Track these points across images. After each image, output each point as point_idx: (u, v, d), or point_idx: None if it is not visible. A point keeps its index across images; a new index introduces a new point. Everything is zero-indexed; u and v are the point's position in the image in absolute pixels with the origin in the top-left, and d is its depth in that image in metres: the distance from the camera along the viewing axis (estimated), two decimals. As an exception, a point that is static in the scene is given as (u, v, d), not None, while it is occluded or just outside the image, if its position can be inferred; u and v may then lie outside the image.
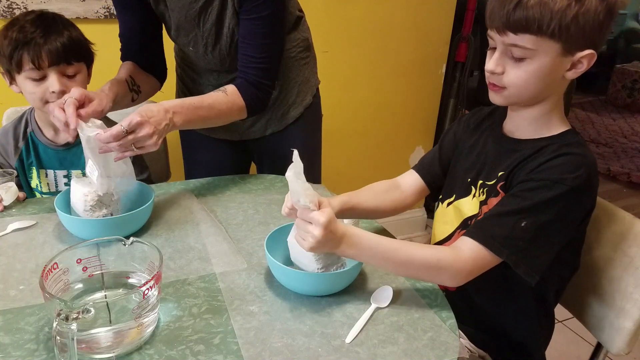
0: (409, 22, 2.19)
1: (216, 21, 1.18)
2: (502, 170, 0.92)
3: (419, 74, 2.33)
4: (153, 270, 0.75)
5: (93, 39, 1.26)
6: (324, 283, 0.84)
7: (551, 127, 0.91)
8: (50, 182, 1.24)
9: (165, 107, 1.04)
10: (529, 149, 0.90)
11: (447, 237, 1.02)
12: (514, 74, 0.85)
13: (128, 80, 1.21)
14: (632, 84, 5.19)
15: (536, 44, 0.81)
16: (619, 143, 4.17)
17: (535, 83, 0.85)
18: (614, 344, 0.95)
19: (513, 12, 0.80)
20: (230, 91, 1.16)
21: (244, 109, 1.18)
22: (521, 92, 0.87)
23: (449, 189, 1.04)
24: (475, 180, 0.98)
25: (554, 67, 0.83)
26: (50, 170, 1.24)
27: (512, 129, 0.96)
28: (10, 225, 1.00)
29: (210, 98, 1.14)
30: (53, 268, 0.73)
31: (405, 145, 2.46)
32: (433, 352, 0.73)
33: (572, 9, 0.78)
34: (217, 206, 1.14)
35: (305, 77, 1.37)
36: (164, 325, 0.76)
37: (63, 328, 0.61)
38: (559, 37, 0.80)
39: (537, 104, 0.90)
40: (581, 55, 0.82)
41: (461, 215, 1.00)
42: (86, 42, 1.19)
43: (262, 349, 0.72)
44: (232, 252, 0.97)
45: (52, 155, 1.24)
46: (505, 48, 0.84)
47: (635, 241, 0.93)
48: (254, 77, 1.18)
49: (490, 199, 0.93)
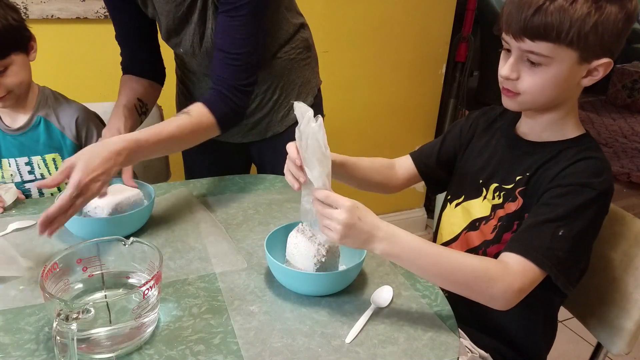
0: (409, 22, 2.19)
1: (198, 21, 1.17)
2: (519, 175, 0.91)
3: (419, 74, 2.33)
4: (153, 270, 0.75)
5: (93, 39, 1.26)
6: (324, 283, 0.84)
7: (567, 131, 0.90)
8: (14, 172, 1.18)
9: (116, 149, 0.91)
10: (547, 153, 0.89)
11: (453, 238, 1.02)
12: (529, 81, 0.84)
13: (136, 105, 1.21)
14: (632, 84, 5.18)
15: (553, 52, 0.80)
16: (619, 143, 4.17)
17: (551, 90, 0.84)
18: (614, 344, 0.95)
19: (532, 18, 0.78)
20: (195, 112, 1.06)
21: (214, 126, 1.08)
22: (536, 99, 0.86)
23: (457, 190, 1.03)
24: (488, 182, 0.97)
25: (570, 74, 0.82)
26: (12, 160, 1.18)
27: (527, 132, 0.95)
28: (10, 225, 1.00)
29: (172, 124, 1.03)
30: (53, 268, 0.73)
31: (405, 145, 2.45)
32: (433, 352, 0.73)
33: (591, 17, 0.77)
34: (217, 206, 1.14)
35: (306, 79, 1.37)
36: (164, 325, 0.76)
37: (63, 328, 0.61)
38: (577, 45, 0.79)
39: (552, 109, 0.89)
40: (598, 63, 0.81)
41: (469, 216, 0.99)
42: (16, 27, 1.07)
43: (262, 349, 0.72)
44: (232, 251, 0.96)
45: (10, 141, 1.18)
46: (522, 54, 0.83)
47: (635, 241, 0.93)
48: (230, 81, 1.10)
49: (508, 203, 0.92)
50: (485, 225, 0.96)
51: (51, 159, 1.19)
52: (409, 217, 2.58)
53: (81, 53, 1.67)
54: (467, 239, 0.99)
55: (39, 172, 1.19)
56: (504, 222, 0.93)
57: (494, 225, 0.95)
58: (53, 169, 1.19)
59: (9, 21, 1.06)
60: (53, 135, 1.20)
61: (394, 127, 2.38)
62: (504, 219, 0.93)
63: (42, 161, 1.18)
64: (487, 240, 0.96)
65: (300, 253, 0.84)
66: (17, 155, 1.18)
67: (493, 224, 0.95)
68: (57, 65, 1.63)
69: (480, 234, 0.97)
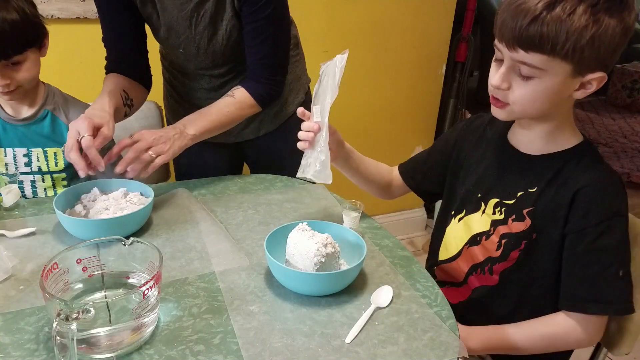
0: (409, 22, 2.19)
1: (210, 23, 1.17)
2: (521, 190, 0.91)
3: (419, 74, 2.33)
4: (153, 270, 0.75)
5: (93, 39, 1.26)
6: (323, 283, 0.84)
7: (564, 141, 0.89)
8: (9, 162, 1.17)
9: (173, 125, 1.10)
10: (548, 168, 0.88)
11: (457, 253, 1.02)
12: (520, 92, 0.81)
13: (122, 94, 1.19)
14: (632, 84, 5.18)
15: (547, 64, 0.77)
16: (619, 143, 4.17)
17: (542, 102, 0.82)
18: (614, 344, 0.95)
19: (527, 28, 0.75)
20: (238, 95, 1.20)
21: (255, 105, 1.22)
22: (525, 110, 0.84)
23: (460, 204, 1.02)
24: (487, 196, 0.96)
25: (562, 87, 0.80)
26: (9, 149, 1.17)
27: (521, 142, 0.93)
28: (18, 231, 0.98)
29: (219, 104, 1.18)
30: (53, 268, 0.73)
31: (405, 145, 2.46)
32: (433, 352, 0.73)
33: (589, 30, 0.74)
34: (217, 206, 1.14)
35: (297, 75, 1.38)
36: (164, 325, 0.76)
37: (63, 328, 0.61)
38: (572, 58, 0.76)
39: (546, 119, 0.87)
40: (592, 77, 0.79)
41: (470, 231, 0.99)
42: (26, 29, 1.07)
43: (262, 349, 0.72)
44: (233, 250, 0.96)
45: (11, 131, 1.18)
46: (514, 64, 0.80)
47: (635, 241, 0.93)
48: (265, 77, 1.21)
49: (515, 223, 0.91)
50: (486, 240, 0.96)
51: (52, 153, 1.20)
52: (409, 217, 2.58)
53: (81, 53, 1.67)
54: (471, 254, 0.99)
55: (37, 164, 1.19)
56: (511, 240, 0.92)
57: (496, 242, 0.94)
58: (52, 163, 1.20)
59: (28, 16, 1.07)
60: (57, 129, 1.21)
61: (394, 127, 2.38)
62: (512, 238, 0.92)
63: (42, 154, 1.18)
64: (492, 257, 0.95)
65: (300, 253, 0.84)
66: (17, 146, 1.18)
67: (495, 240, 0.94)
68: (57, 65, 1.62)
69: (482, 249, 0.97)
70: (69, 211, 1.00)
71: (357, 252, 0.89)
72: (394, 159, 2.65)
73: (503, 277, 0.94)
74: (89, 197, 1.04)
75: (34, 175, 1.19)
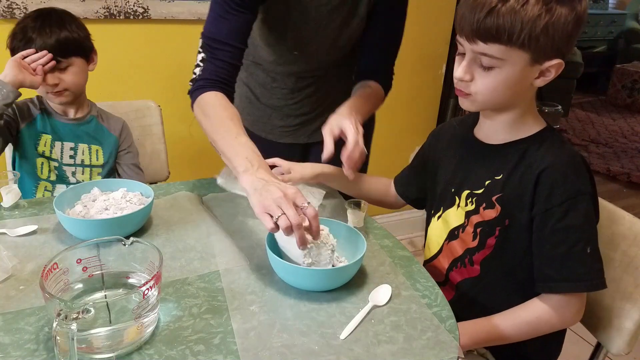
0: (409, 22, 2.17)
1: (340, 25, 1.19)
2: (488, 179, 0.93)
3: (419, 74, 2.33)
4: (153, 270, 0.75)
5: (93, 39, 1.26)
6: (323, 278, 0.84)
7: (526, 129, 0.91)
8: (56, 151, 1.33)
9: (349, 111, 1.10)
10: (512, 154, 0.91)
11: (438, 250, 1.04)
12: (482, 82, 0.85)
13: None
14: (632, 84, 5.18)
15: (505, 54, 0.81)
16: (619, 143, 4.17)
17: (503, 91, 0.85)
18: (614, 344, 0.95)
19: (484, 20, 0.79)
20: (373, 86, 1.24)
21: (383, 97, 1.28)
22: (488, 100, 0.87)
23: (436, 204, 1.05)
24: (460, 190, 0.98)
25: (522, 76, 0.83)
26: (59, 142, 1.34)
27: (486, 134, 0.96)
28: (18, 229, 0.99)
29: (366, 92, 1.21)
30: (53, 268, 0.73)
31: (405, 145, 2.46)
32: (432, 352, 0.73)
33: (542, 19, 0.77)
34: (217, 206, 1.14)
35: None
36: (164, 325, 0.76)
37: (63, 328, 0.61)
38: (529, 47, 0.79)
39: (508, 109, 0.90)
40: (549, 64, 0.82)
41: (448, 227, 1.01)
42: (78, 39, 1.28)
43: (262, 348, 0.72)
44: (233, 250, 0.96)
45: (62, 128, 1.34)
46: (475, 56, 0.84)
47: (635, 241, 0.93)
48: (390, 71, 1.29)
49: (485, 211, 0.93)
50: (462, 233, 0.98)
51: (95, 150, 1.38)
52: (409, 217, 2.58)
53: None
54: (450, 249, 1.01)
55: (80, 157, 1.36)
56: (485, 228, 0.94)
57: (471, 232, 0.96)
58: (94, 158, 1.38)
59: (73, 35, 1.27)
60: (99, 132, 1.39)
61: (394, 127, 2.38)
62: (485, 226, 0.93)
63: (87, 148, 1.37)
64: (470, 248, 0.97)
65: (290, 241, 0.84)
66: (69, 140, 1.35)
67: (470, 230, 0.96)
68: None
69: (460, 242, 0.98)
70: (69, 211, 1.00)
71: (357, 249, 0.90)
72: (394, 159, 2.65)
73: (484, 267, 0.96)
74: (89, 197, 1.04)
75: (76, 167, 1.36)
